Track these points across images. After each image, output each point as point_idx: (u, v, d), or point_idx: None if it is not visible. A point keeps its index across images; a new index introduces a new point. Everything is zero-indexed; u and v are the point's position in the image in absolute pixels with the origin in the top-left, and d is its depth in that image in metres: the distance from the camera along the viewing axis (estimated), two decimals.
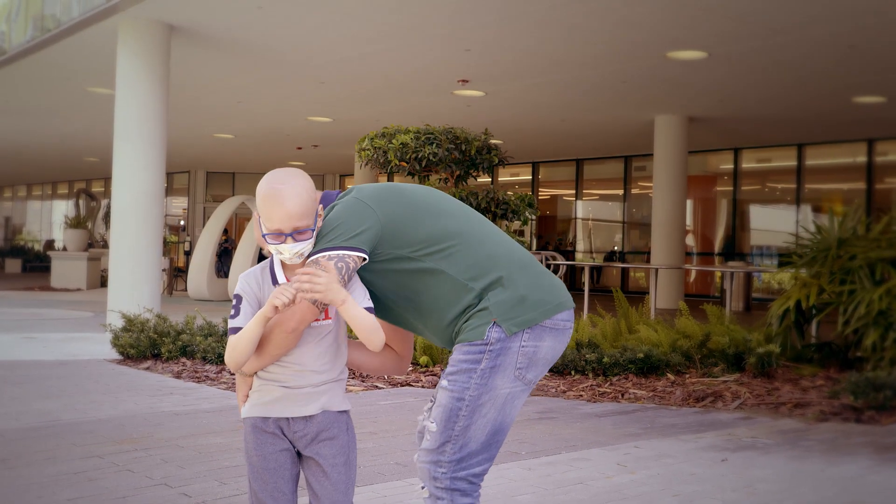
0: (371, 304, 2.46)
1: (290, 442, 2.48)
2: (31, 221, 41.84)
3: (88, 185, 33.61)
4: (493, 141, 8.91)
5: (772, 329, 8.31)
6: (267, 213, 2.39)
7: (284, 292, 2.30)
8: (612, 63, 12.73)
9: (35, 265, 31.07)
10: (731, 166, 21.44)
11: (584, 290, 14.05)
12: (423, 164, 8.23)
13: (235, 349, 2.38)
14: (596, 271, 23.79)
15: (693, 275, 21.65)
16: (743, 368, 7.81)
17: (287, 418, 2.46)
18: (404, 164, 8.20)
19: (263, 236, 2.41)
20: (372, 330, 2.41)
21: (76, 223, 23.25)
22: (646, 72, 13.20)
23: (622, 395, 7.02)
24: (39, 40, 12.85)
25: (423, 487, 2.53)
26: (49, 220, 39.21)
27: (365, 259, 2.45)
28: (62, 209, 35.40)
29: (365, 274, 2.51)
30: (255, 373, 2.49)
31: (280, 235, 2.38)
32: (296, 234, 2.39)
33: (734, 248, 21.32)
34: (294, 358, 2.46)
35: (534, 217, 8.63)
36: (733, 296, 14.77)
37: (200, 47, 12.51)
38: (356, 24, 11.16)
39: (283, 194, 2.37)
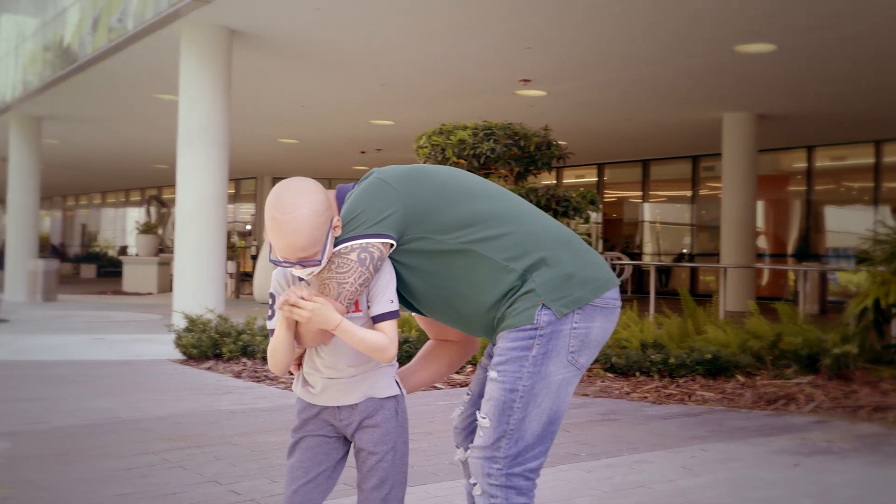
0: (395, 308, 2.33)
1: (337, 430, 2.41)
2: (106, 228, 42.78)
3: (159, 191, 34.20)
4: (555, 140, 8.74)
5: (848, 329, 7.97)
6: (271, 239, 2.25)
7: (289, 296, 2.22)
8: (676, 59, 12.44)
9: (109, 270, 31.70)
10: (804, 165, 20.87)
11: (649, 292, 13.74)
12: (482, 160, 8.08)
13: (273, 357, 2.31)
14: (664, 274, 23.37)
15: (765, 277, 21.12)
16: (817, 370, 7.49)
17: (334, 406, 2.39)
18: (462, 161, 8.07)
19: (272, 261, 2.28)
20: (376, 349, 2.28)
21: (147, 229, 23.64)
22: (712, 67, 12.86)
23: (689, 397, 6.79)
24: (106, 48, 13.04)
25: (474, 484, 2.38)
26: (123, 226, 40.02)
27: (392, 245, 2.30)
28: (135, 216, 36.08)
29: (393, 261, 2.38)
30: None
31: (286, 262, 2.26)
32: (303, 262, 2.24)
33: (808, 250, 20.73)
34: (327, 352, 2.37)
35: (596, 212, 8.40)
36: (807, 298, 14.33)
37: (262, 51, 12.55)
38: (415, 23, 11.07)
39: (285, 227, 2.20)
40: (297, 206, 2.18)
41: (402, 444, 2.39)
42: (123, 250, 34.60)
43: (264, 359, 8.30)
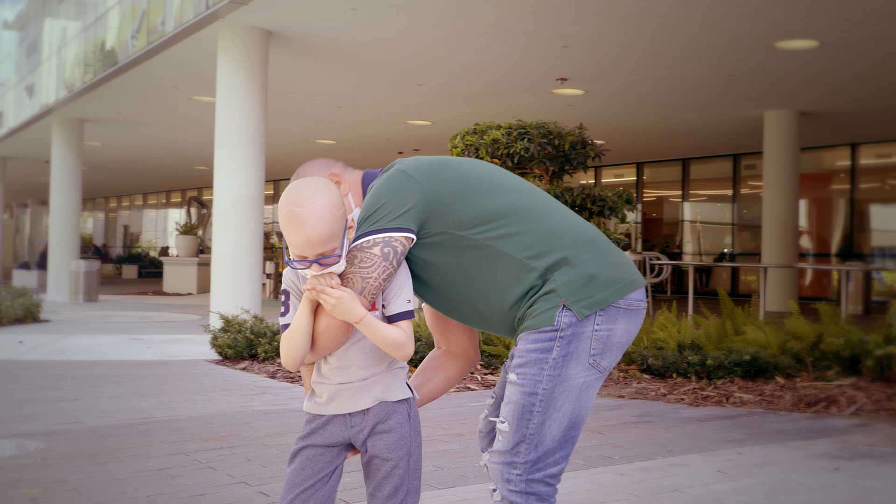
0: (411, 307, 2.27)
1: (345, 439, 2.32)
2: (148, 229, 43.27)
3: (200, 193, 34.53)
4: (592, 139, 8.64)
5: (892, 330, 7.78)
6: (288, 236, 2.16)
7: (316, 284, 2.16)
8: (716, 56, 12.28)
9: (150, 271, 32.07)
10: (847, 163, 20.53)
11: (688, 293, 13.57)
12: (516, 160, 8.02)
13: (290, 345, 2.22)
14: (704, 274, 23.11)
15: (808, 277, 20.80)
16: (859, 372, 7.34)
17: (344, 414, 2.30)
18: (496, 160, 8.01)
19: (287, 262, 2.20)
20: (396, 345, 2.22)
21: (186, 230, 23.87)
22: (753, 64, 12.68)
23: (727, 399, 6.67)
24: (146, 50, 13.16)
25: (494, 490, 2.31)
26: (164, 227, 40.47)
27: (413, 240, 2.25)
28: (176, 217, 36.46)
29: (411, 256, 2.32)
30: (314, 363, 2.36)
31: (303, 262, 2.16)
32: (321, 260, 2.15)
33: (852, 250, 20.38)
34: (337, 355, 2.30)
35: (632, 212, 8.29)
36: (851, 298, 14.08)
37: (298, 52, 12.59)
38: (450, 23, 11.03)
39: (303, 219, 2.12)
40: (314, 198, 2.13)
41: (417, 448, 2.32)
42: (165, 251, 34.98)
43: None
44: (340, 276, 2.21)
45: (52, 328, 12.16)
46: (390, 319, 2.29)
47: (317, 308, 2.22)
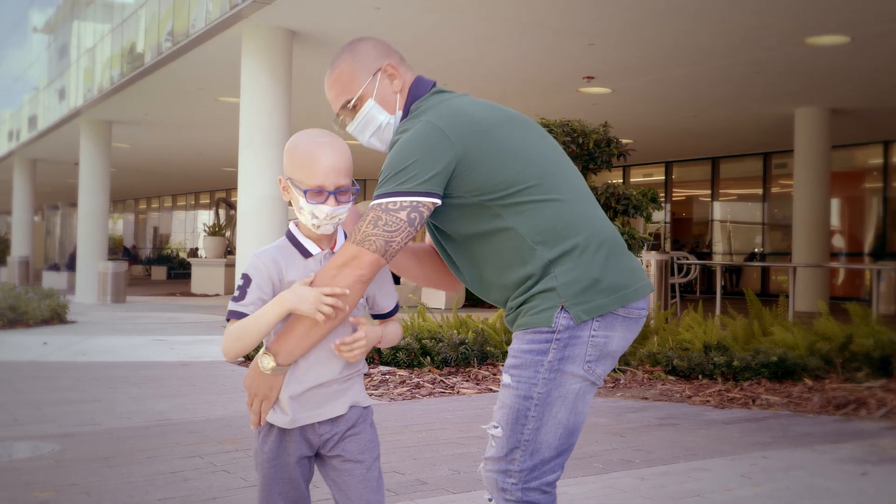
0: (396, 304, 2.30)
1: (314, 446, 2.21)
2: (177, 230, 43.56)
3: (228, 194, 34.67)
4: (618, 137, 8.52)
5: None
6: (306, 167, 2.11)
7: (323, 302, 2.07)
8: (744, 53, 12.10)
9: (178, 272, 32.24)
10: (880, 161, 20.20)
11: (716, 293, 13.38)
12: None
13: (241, 340, 2.09)
14: (734, 274, 22.86)
15: (840, 276, 20.50)
16: (890, 374, 7.16)
17: (313, 423, 2.18)
18: None
19: (304, 192, 2.11)
20: (399, 337, 2.33)
21: (214, 231, 23.96)
22: (782, 61, 12.49)
23: (753, 401, 6.53)
24: (171, 51, 13.20)
25: (490, 500, 2.21)
26: (193, 228, 40.72)
27: (437, 205, 2.14)
28: (204, 218, 36.66)
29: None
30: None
31: (321, 193, 2.10)
32: (338, 194, 2.12)
33: (885, 249, 20.05)
34: (319, 351, 2.18)
35: (658, 210, 8.14)
36: (882, 298, 13.82)
37: (322, 52, 12.56)
38: (474, 21, 10.96)
39: (328, 146, 2.12)
40: (333, 134, 2.16)
41: (379, 455, 2.26)
42: (194, 252, 35.17)
43: None
44: (357, 233, 2.10)
45: (78, 329, 12.21)
46: (386, 315, 2.27)
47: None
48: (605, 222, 2.28)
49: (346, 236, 2.23)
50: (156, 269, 33.73)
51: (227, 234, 24.93)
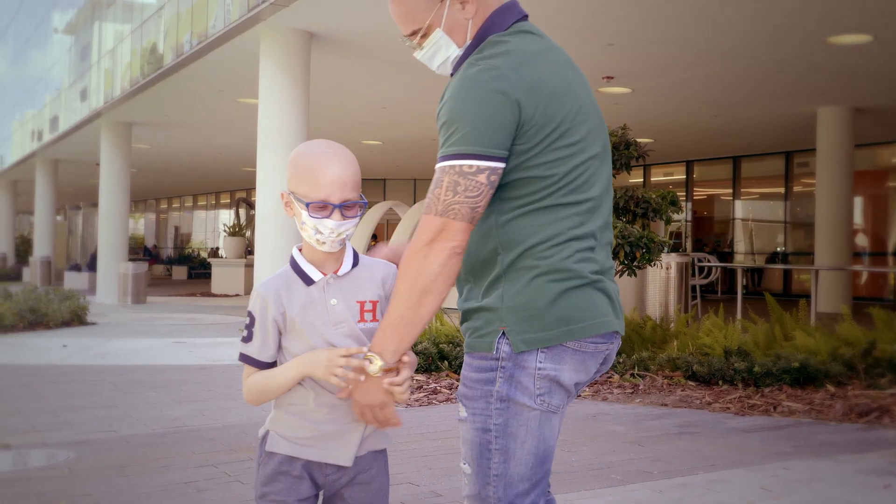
0: None
1: (319, 486, 2.07)
2: (198, 230, 43.73)
3: (248, 194, 34.77)
4: (638, 139, 8.43)
5: None
6: (311, 179, 1.95)
7: (338, 373, 1.95)
8: (766, 52, 11.97)
9: (199, 272, 32.36)
10: None
11: (737, 294, 13.26)
12: None
13: (263, 395, 2.02)
14: (756, 274, 22.67)
15: (864, 277, 20.28)
16: None
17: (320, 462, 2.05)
18: None
19: (307, 205, 1.95)
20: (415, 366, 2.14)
21: (234, 231, 24.02)
22: (805, 60, 12.35)
23: (774, 408, 6.44)
24: (190, 52, 13.22)
25: None
26: (214, 228, 40.86)
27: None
28: (225, 218, 36.78)
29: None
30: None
31: (325, 207, 1.95)
32: (344, 209, 1.96)
33: None
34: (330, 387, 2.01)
35: (677, 213, 8.02)
36: None
37: (341, 53, 12.54)
38: None
39: (335, 157, 1.97)
40: (340, 145, 2.01)
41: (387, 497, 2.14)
42: (215, 252, 35.30)
43: None
44: (437, 202, 1.92)
45: (98, 331, 12.24)
46: None
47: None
48: (609, 226, 2.11)
49: (355, 257, 2.07)
50: (177, 269, 33.88)
51: (248, 234, 25.00)
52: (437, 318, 8.82)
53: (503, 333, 1.97)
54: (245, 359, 2.04)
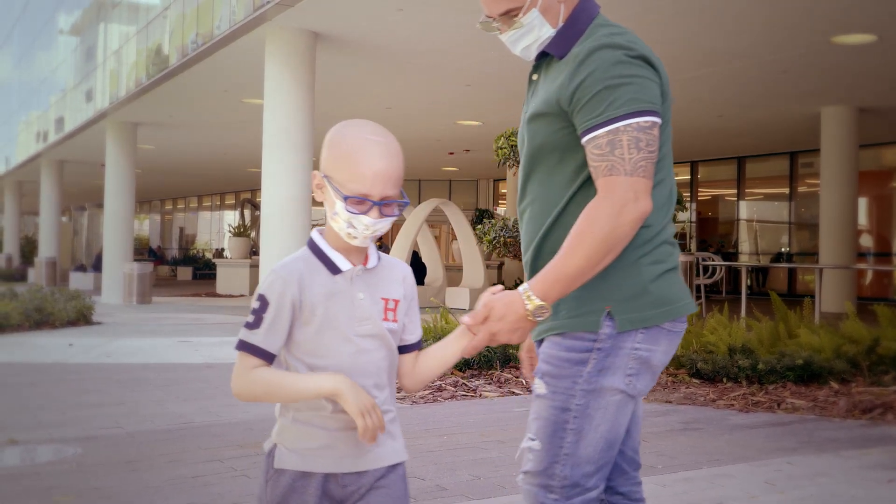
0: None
1: (337, 500, 1.86)
2: (203, 231, 43.80)
3: (253, 195, 34.84)
4: None
5: None
6: (350, 168, 1.78)
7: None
8: (770, 52, 11.99)
9: (204, 273, 32.41)
10: None
11: (741, 294, 13.27)
12: None
13: (267, 395, 1.79)
14: (761, 274, 22.67)
15: (868, 277, 20.27)
16: None
17: (338, 473, 1.84)
18: None
19: (344, 198, 1.78)
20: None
21: (239, 232, 24.07)
22: (809, 60, 12.37)
23: (778, 405, 6.46)
24: (195, 53, 13.26)
25: None
26: (219, 229, 40.93)
27: None
28: (230, 219, 36.84)
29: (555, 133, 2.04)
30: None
31: (363, 202, 1.77)
32: (384, 206, 1.79)
33: None
34: (363, 372, 1.84)
35: (683, 212, 8.04)
36: None
37: (346, 54, 12.58)
38: None
39: (381, 147, 1.79)
40: (389, 132, 1.85)
41: None
42: (220, 253, 35.36)
43: None
44: (622, 162, 1.91)
45: (104, 331, 12.29)
46: (411, 348, 1.97)
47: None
48: (671, 224, 2.16)
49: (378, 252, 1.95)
50: (181, 270, 33.94)
51: (252, 234, 25.04)
52: (442, 317, 8.85)
53: (608, 313, 1.99)
54: (246, 346, 1.80)
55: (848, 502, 4.06)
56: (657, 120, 1.95)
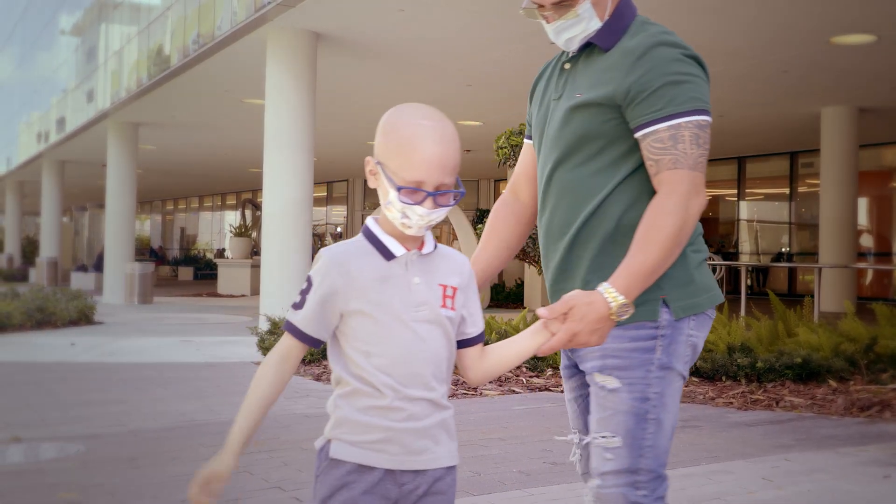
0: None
1: (392, 500, 1.78)
2: (204, 231, 43.85)
3: (254, 195, 34.90)
4: None
5: None
6: (405, 155, 1.71)
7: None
8: (770, 52, 12.02)
9: (205, 273, 32.45)
10: None
11: (741, 293, 13.31)
12: None
13: (251, 390, 1.78)
14: (761, 274, 22.70)
15: (869, 276, 20.31)
16: None
17: (397, 470, 1.76)
18: None
19: (398, 188, 1.72)
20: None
21: (240, 232, 24.12)
22: (809, 60, 12.40)
23: (777, 402, 6.50)
24: (196, 53, 13.30)
25: None
26: (220, 229, 40.98)
27: None
28: (231, 219, 36.89)
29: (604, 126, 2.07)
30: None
31: (417, 192, 1.70)
32: (438, 196, 1.72)
33: None
34: (407, 369, 1.76)
35: None
36: None
37: (347, 54, 12.62)
38: (498, 22, 10.96)
39: (437, 133, 1.71)
40: (446, 117, 1.77)
41: None
42: (221, 253, 35.40)
43: None
44: (685, 157, 1.97)
45: (105, 330, 12.33)
46: (473, 341, 1.89)
47: None
48: None
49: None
50: (182, 270, 34.00)
51: (254, 234, 25.09)
52: None
53: (663, 301, 2.03)
54: (289, 327, 1.77)
55: (844, 498, 4.10)
56: (710, 119, 2.03)
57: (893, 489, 4.25)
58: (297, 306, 1.76)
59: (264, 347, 8.85)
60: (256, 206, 26.70)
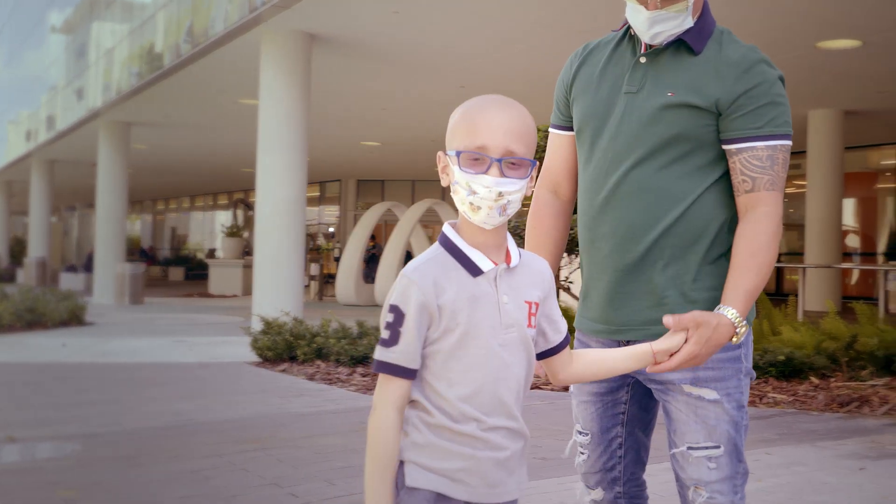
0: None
1: None
2: (195, 231, 43.82)
3: (246, 195, 34.93)
4: None
5: None
6: (467, 127, 1.60)
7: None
8: None
9: (196, 273, 32.47)
10: (893, 162, 20.20)
11: None
12: None
13: (369, 454, 1.60)
14: None
15: (854, 277, 20.51)
16: (893, 372, 7.28)
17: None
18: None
19: (457, 155, 1.60)
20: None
21: (232, 232, 24.17)
22: (795, 63, 12.55)
23: (760, 399, 6.65)
24: (190, 53, 13.37)
25: None
26: (211, 229, 40.97)
27: None
28: (222, 219, 36.91)
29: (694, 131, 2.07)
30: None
31: (481, 159, 1.56)
32: (506, 166, 1.56)
33: None
34: (491, 399, 1.62)
35: None
36: (892, 297, 13.88)
37: (341, 55, 12.70)
38: (494, 24, 11.06)
39: (501, 103, 1.62)
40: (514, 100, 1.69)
41: None
42: (212, 253, 35.42)
43: (338, 361, 8.40)
44: (778, 179, 2.02)
45: (97, 331, 12.40)
46: (558, 348, 1.79)
47: None
48: None
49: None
50: (173, 270, 34.01)
51: (246, 234, 25.15)
52: None
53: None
54: (387, 368, 1.58)
55: (821, 489, 4.24)
56: (789, 144, 2.07)
57: (867, 480, 4.40)
58: (389, 342, 1.59)
59: (258, 347, 8.95)
60: (248, 206, 26.77)
